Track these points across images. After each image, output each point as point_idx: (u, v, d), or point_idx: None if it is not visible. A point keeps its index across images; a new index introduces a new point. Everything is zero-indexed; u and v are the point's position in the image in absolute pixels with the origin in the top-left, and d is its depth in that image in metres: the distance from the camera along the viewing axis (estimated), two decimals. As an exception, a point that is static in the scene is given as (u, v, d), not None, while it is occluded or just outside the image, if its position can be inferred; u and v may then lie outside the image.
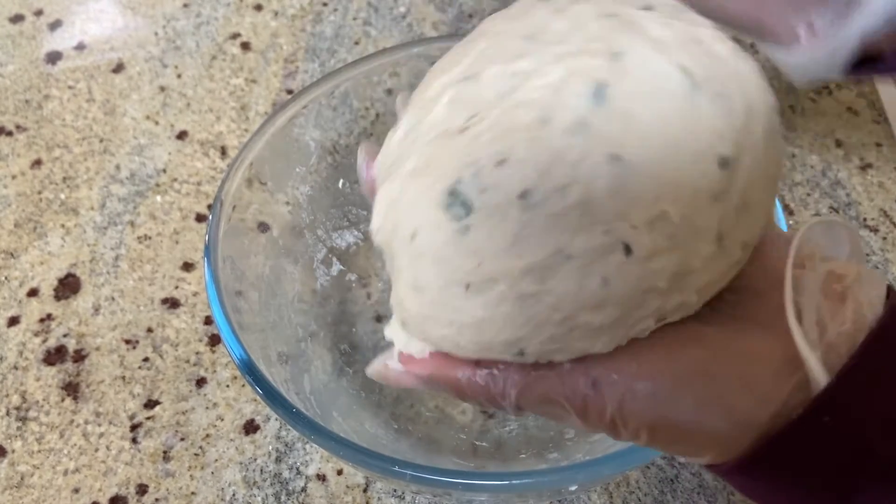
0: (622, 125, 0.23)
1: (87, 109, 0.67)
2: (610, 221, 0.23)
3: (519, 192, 0.24)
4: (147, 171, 0.62)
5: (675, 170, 0.23)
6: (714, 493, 0.46)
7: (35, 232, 0.59)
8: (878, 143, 0.63)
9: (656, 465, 0.47)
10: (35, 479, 0.47)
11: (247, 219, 0.46)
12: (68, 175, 0.62)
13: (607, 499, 0.46)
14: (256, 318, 0.44)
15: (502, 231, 0.24)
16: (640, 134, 0.23)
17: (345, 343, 0.50)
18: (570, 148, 0.23)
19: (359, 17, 0.74)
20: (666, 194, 0.23)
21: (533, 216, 0.24)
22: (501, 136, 0.24)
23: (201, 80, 0.69)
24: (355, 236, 0.53)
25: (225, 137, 0.65)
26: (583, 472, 0.34)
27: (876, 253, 0.56)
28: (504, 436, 0.47)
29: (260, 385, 0.37)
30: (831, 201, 0.59)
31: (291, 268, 0.49)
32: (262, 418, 0.49)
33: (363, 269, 0.53)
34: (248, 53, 0.71)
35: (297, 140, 0.50)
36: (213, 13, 0.75)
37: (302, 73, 0.69)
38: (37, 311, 0.54)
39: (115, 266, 0.57)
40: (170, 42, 0.72)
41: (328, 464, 0.47)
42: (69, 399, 0.50)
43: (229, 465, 0.47)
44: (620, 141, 0.23)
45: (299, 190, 0.50)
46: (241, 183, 0.45)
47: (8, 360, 0.52)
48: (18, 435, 0.49)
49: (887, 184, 0.60)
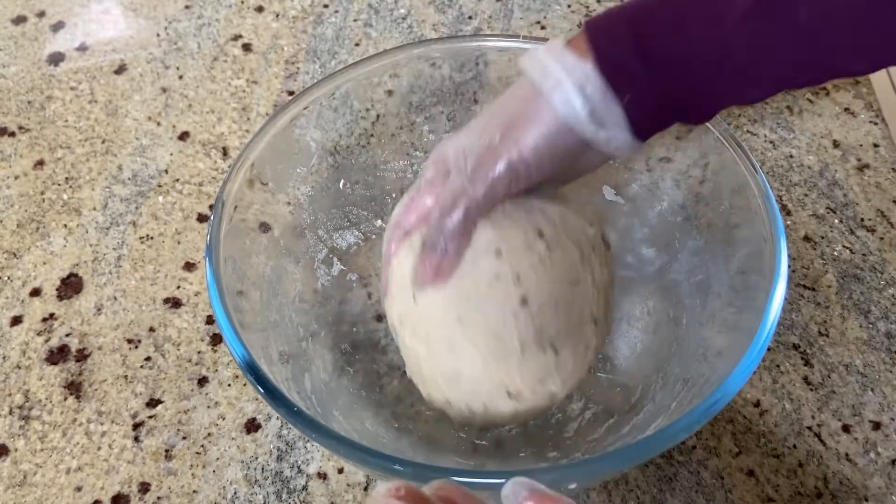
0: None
1: (90, 110, 0.67)
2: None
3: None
4: (149, 171, 0.63)
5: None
6: (712, 491, 0.46)
7: (38, 232, 0.59)
8: (875, 143, 0.63)
9: (655, 463, 0.47)
10: (38, 477, 0.47)
11: (248, 219, 0.46)
12: (71, 175, 0.62)
13: (606, 497, 0.46)
14: (258, 317, 0.44)
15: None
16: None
17: (345, 342, 0.50)
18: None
19: (359, 18, 0.75)
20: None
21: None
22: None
23: (203, 81, 0.69)
24: (356, 236, 0.54)
25: (226, 138, 0.65)
26: (582, 470, 0.34)
27: (873, 253, 0.56)
28: (504, 434, 0.47)
29: (261, 384, 0.37)
30: (828, 202, 0.59)
31: (292, 268, 0.49)
32: (263, 417, 0.50)
33: (364, 269, 0.53)
34: (250, 55, 0.71)
35: (298, 141, 0.50)
36: (215, 15, 0.75)
37: (303, 74, 0.70)
38: (39, 311, 0.55)
39: (118, 266, 0.57)
40: (171, 43, 0.73)
41: (329, 462, 0.48)
42: (72, 398, 0.50)
43: (231, 463, 0.48)
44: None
45: (300, 190, 0.51)
46: (242, 183, 0.45)
47: (11, 360, 0.52)
48: (21, 434, 0.49)
49: (884, 184, 0.60)
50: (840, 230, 0.58)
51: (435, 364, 0.40)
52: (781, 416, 0.49)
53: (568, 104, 0.37)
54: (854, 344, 0.52)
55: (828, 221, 0.58)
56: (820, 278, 0.55)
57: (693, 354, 0.43)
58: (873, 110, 0.66)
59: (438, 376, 0.40)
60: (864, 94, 0.67)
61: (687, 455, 0.48)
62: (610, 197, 0.53)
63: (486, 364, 0.39)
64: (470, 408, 0.40)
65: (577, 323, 0.40)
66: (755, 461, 0.47)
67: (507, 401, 0.40)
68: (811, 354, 0.52)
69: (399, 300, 0.41)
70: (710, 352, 0.42)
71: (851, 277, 0.55)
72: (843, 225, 0.58)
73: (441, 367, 0.40)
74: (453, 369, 0.40)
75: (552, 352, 0.39)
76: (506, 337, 0.38)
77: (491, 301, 0.38)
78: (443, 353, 0.40)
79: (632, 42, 0.36)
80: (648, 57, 0.36)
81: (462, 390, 0.40)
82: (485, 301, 0.38)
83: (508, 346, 0.38)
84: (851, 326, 0.53)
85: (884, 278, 0.55)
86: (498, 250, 0.38)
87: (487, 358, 0.38)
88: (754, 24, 0.33)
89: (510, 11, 0.75)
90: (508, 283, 0.38)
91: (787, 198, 0.60)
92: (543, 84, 0.37)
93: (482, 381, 0.39)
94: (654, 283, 0.50)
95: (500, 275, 0.38)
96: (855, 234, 0.58)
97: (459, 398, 0.40)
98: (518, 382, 0.39)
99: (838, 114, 0.65)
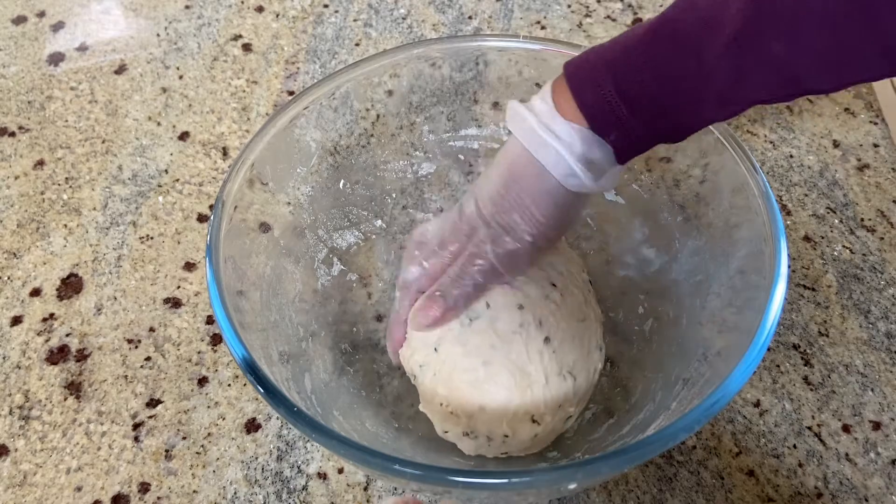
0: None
1: (90, 110, 0.67)
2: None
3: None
4: (149, 171, 0.63)
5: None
6: (712, 491, 0.46)
7: (38, 232, 0.59)
8: (875, 143, 0.63)
9: (655, 463, 0.47)
10: (38, 477, 0.47)
11: (248, 219, 0.46)
12: (71, 175, 0.62)
13: (606, 497, 0.46)
14: (258, 317, 0.44)
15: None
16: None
17: (346, 342, 0.50)
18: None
19: (359, 18, 0.75)
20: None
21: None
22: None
23: (203, 81, 0.69)
24: (356, 236, 0.54)
25: (226, 138, 0.65)
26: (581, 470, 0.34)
27: (873, 253, 0.56)
28: (504, 434, 0.47)
29: (261, 384, 0.37)
30: (828, 202, 0.59)
31: (292, 268, 0.49)
32: (263, 417, 0.50)
33: (364, 269, 0.53)
34: (250, 55, 0.71)
35: (298, 141, 0.50)
36: (215, 15, 0.75)
37: (303, 74, 0.70)
38: (39, 311, 0.55)
39: (118, 266, 0.57)
40: (171, 43, 0.73)
41: (329, 462, 0.48)
42: (72, 398, 0.50)
43: (231, 463, 0.48)
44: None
45: (300, 190, 0.51)
46: (242, 183, 0.45)
47: (11, 360, 0.52)
48: (21, 434, 0.49)
49: (884, 184, 0.60)
50: (840, 230, 0.58)
51: (458, 403, 0.43)
52: (781, 416, 0.49)
53: (572, 176, 0.40)
54: (854, 344, 0.52)
55: (828, 221, 0.58)
56: (820, 278, 0.55)
57: (693, 354, 0.43)
58: (873, 110, 0.66)
59: (461, 412, 0.43)
60: (863, 94, 0.67)
61: (687, 455, 0.48)
62: (610, 197, 0.53)
63: (512, 395, 0.43)
64: (490, 437, 0.44)
65: (587, 352, 0.46)
66: (755, 461, 0.47)
67: (530, 426, 0.43)
68: (811, 354, 0.52)
69: (420, 351, 0.45)
70: (710, 352, 0.42)
71: (851, 277, 0.55)
72: (843, 225, 0.58)
73: (464, 404, 0.43)
74: (477, 404, 0.43)
75: (571, 379, 0.44)
76: (532, 372, 0.43)
77: (517, 344, 0.43)
78: (467, 392, 0.43)
79: (613, 89, 0.38)
80: (631, 99, 0.38)
81: (484, 421, 0.43)
82: (511, 345, 0.43)
83: (534, 379, 0.43)
84: (851, 326, 0.53)
85: (884, 278, 0.55)
86: (520, 304, 0.44)
87: (513, 391, 0.43)
88: (731, 60, 0.35)
89: (510, 11, 0.75)
90: (531, 328, 0.44)
91: (787, 198, 0.60)
92: (544, 159, 0.41)
93: (507, 411, 0.43)
94: (654, 283, 0.50)
95: (524, 323, 0.44)
96: (855, 234, 0.58)
97: (481, 430, 0.44)
98: (542, 408, 0.43)
99: (838, 114, 0.65)
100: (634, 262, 0.51)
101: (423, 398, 0.46)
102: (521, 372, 0.43)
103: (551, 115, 0.40)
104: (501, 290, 0.45)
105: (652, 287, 0.50)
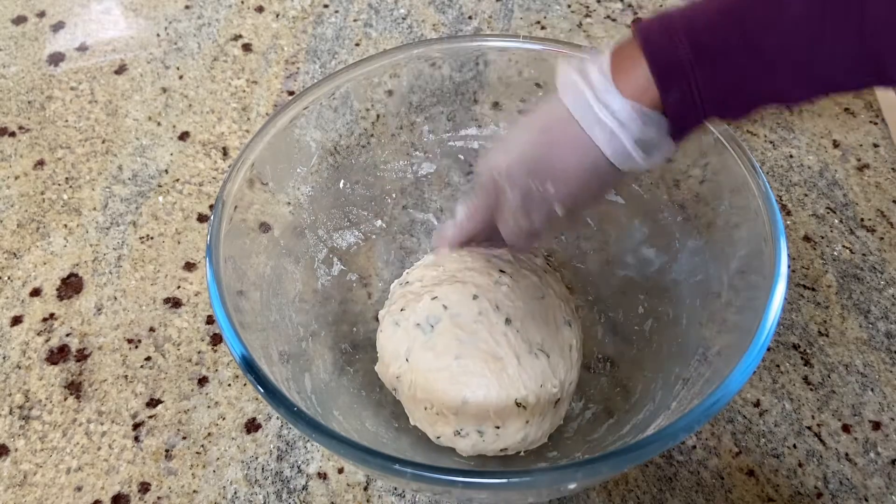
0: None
1: (90, 110, 0.67)
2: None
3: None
4: (149, 171, 0.63)
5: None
6: (712, 491, 0.46)
7: (38, 232, 0.59)
8: (875, 143, 0.63)
9: (655, 463, 0.47)
10: (38, 477, 0.47)
11: (248, 219, 0.46)
12: (71, 175, 0.62)
13: (606, 497, 0.46)
14: (258, 317, 0.44)
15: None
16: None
17: (346, 342, 0.50)
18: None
19: (359, 18, 0.75)
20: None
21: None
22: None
23: (203, 81, 0.69)
24: (356, 236, 0.54)
25: (226, 138, 0.65)
26: (581, 470, 0.34)
27: (873, 253, 0.56)
28: (503, 434, 0.47)
29: (261, 384, 0.37)
30: (828, 202, 0.59)
31: (292, 267, 0.49)
32: (263, 417, 0.50)
33: (364, 269, 0.53)
34: (250, 55, 0.71)
35: (298, 141, 0.50)
36: (215, 15, 0.75)
37: (303, 74, 0.70)
38: (39, 311, 0.55)
39: (118, 266, 0.57)
40: (171, 43, 0.73)
41: (329, 462, 0.48)
42: (72, 398, 0.50)
43: (231, 463, 0.48)
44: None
45: (300, 190, 0.51)
46: (242, 183, 0.45)
47: (11, 360, 0.52)
48: (21, 434, 0.49)
49: (884, 184, 0.60)
50: (840, 230, 0.58)
51: (441, 402, 0.44)
52: (781, 415, 0.49)
53: (625, 155, 0.38)
54: (854, 344, 0.52)
55: (828, 221, 0.58)
56: (820, 278, 0.55)
57: (693, 354, 0.43)
58: (873, 110, 0.66)
59: (446, 411, 0.43)
60: (863, 94, 0.67)
61: (687, 455, 0.48)
62: (610, 197, 0.53)
63: (489, 382, 0.43)
64: (481, 431, 0.44)
65: (555, 328, 0.47)
66: (755, 461, 0.47)
67: (518, 411, 0.43)
68: (811, 354, 0.52)
69: (393, 364, 0.46)
70: (710, 352, 0.42)
71: (851, 277, 0.55)
72: (843, 225, 0.58)
73: (447, 402, 0.43)
74: (459, 399, 0.43)
75: (544, 356, 0.45)
76: (503, 355, 0.44)
77: (482, 331, 0.45)
78: (446, 389, 0.44)
79: (685, 39, 0.36)
80: (703, 47, 0.36)
81: (472, 415, 0.43)
82: (477, 334, 0.45)
83: (506, 360, 0.44)
84: (851, 326, 0.53)
85: (884, 278, 0.55)
86: (474, 295, 0.46)
87: (489, 377, 0.44)
88: (815, 24, 0.33)
89: (510, 11, 0.75)
90: (490, 312, 0.45)
91: (787, 198, 0.60)
92: (597, 137, 0.38)
93: (489, 399, 0.43)
94: (654, 283, 0.50)
95: (482, 311, 0.45)
96: (855, 234, 0.58)
97: (470, 425, 0.44)
98: (522, 389, 0.43)
99: (838, 114, 0.65)
100: (634, 261, 0.51)
101: (408, 410, 0.46)
102: (492, 357, 0.44)
103: (608, 90, 0.38)
104: (452, 288, 0.47)
105: (652, 287, 0.50)
